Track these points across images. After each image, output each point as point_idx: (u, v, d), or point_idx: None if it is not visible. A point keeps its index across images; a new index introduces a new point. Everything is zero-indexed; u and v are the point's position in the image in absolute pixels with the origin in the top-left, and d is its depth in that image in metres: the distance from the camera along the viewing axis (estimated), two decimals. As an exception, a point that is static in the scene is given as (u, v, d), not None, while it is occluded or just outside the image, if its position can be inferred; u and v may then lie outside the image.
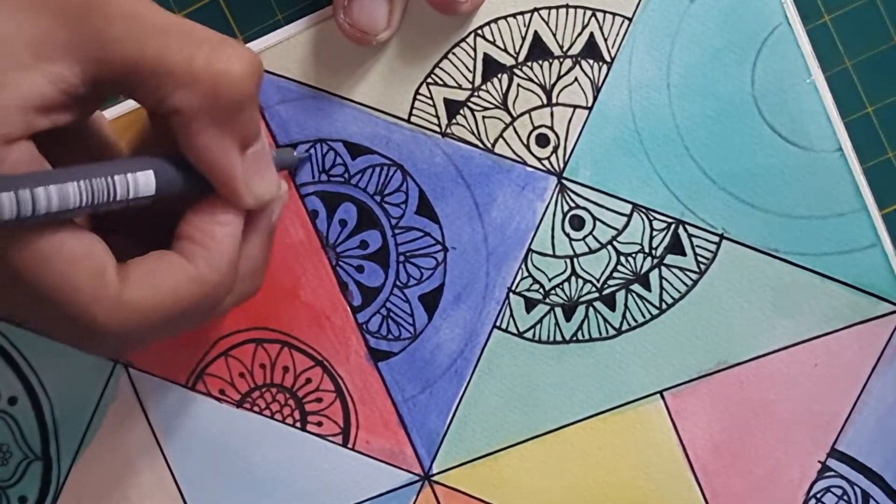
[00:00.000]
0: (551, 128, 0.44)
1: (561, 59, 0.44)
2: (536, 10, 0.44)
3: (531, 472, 0.46)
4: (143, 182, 0.36)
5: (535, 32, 0.44)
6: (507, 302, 0.45)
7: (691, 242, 0.44)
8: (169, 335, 0.39)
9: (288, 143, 0.45)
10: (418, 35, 0.44)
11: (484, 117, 0.44)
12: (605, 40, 0.43)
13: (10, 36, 0.33)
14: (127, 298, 0.35)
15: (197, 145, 0.36)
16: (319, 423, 0.47)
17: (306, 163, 0.45)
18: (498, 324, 0.45)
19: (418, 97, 0.44)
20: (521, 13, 0.44)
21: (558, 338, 0.45)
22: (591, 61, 0.44)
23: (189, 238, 0.38)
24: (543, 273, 0.45)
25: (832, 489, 0.44)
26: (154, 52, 0.34)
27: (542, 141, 0.44)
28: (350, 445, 0.46)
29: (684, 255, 0.44)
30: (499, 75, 0.44)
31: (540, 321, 0.45)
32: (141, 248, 0.38)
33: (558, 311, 0.45)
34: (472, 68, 0.44)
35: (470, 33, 0.44)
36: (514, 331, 0.45)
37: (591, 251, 0.44)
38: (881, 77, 0.44)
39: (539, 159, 0.44)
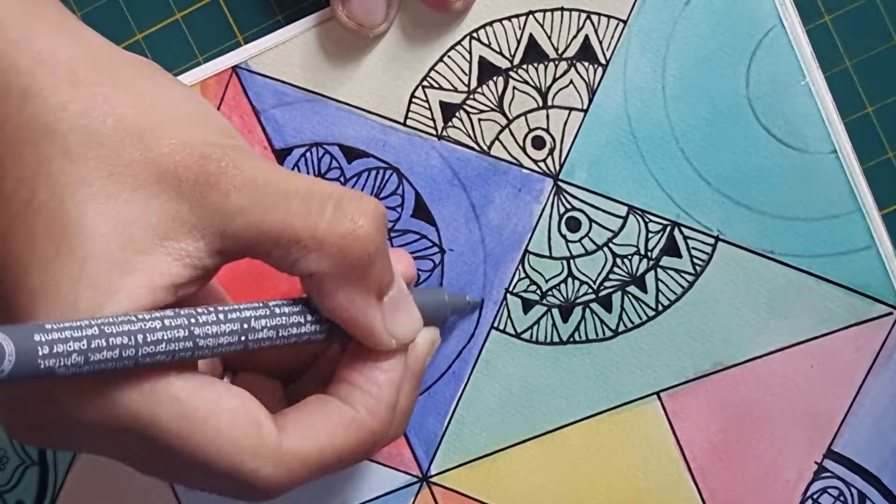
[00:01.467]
0: (547, 130, 0.44)
1: (556, 62, 0.44)
2: (531, 12, 0.44)
3: (529, 473, 0.46)
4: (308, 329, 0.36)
5: (531, 35, 0.44)
6: (504, 303, 0.45)
7: (687, 244, 0.44)
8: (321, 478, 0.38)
9: (284, 146, 0.45)
10: (414, 38, 0.44)
11: (480, 120, 0.44)
12: (601, 43, 0.43)
13: (134, 219, 0.33)
14: (287, 448, 0.35)
15: (333, 306, 0.36)
16: (318, 424, 0.47)
17: (478, 307, 0.45)
18: (495, 325, 0.45)
19: (414, 100, 0.45)
20: (517, 16, 0.44)
21: (555, 339, 0.45)
22: (586, 64, 0.44)
23: (351, 382, 0.37)
24: (540, 274, 0.45)
25: (829, 490, 0.44)
26: (276, 220, 0.34)
27: (538, 143, 0.44)
28: (349, 446, 0.47)
29: (680, 256, 0.44)
30: (494, 78, 0.44)
31: (537, 322, 0.45)
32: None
33: (555, 312, 0.45)
34: (467, 71, 0.44)
35: (465, 36, 0.44)
36: (512, 332, 0.45)
37: (588, 253, 0.45)
38: (881, 77, 0.44)
39: (535, 161, 0.44)
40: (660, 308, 0.44)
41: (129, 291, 0.32)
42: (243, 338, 0.34)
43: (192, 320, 0.33)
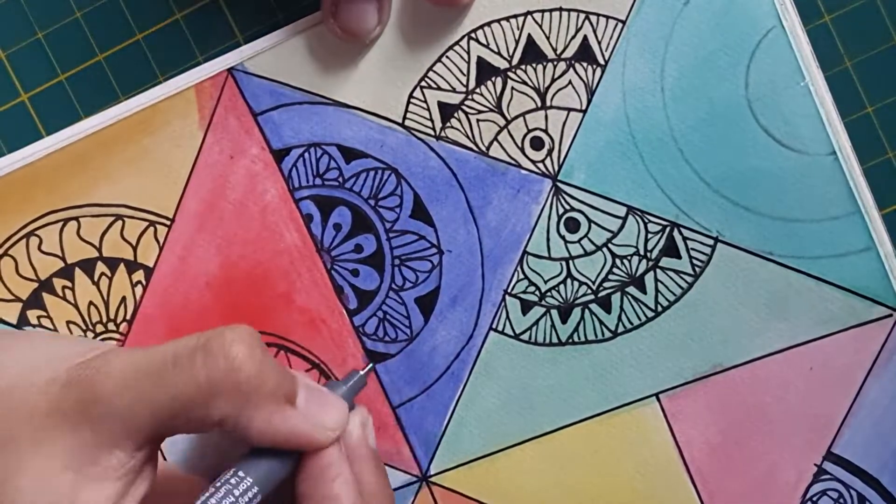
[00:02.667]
0: (546, 131, 0.44)
1: (555, 63, 0.44)
2: (530, 13, 0.43)
3: (528, 474, 0.46)
4: (250, 491, 0.37)
5: (529, 35, 0.44)
6: (503, 304, 0.45)
7: (686, 245, 0.44)
8: None
9: (281, 147, 0.45)
10: (412, 38, 0.44)
11: (478, 120, 0.44)
12: (599, 43, 0.43)
13: (52, 469, 0.34)
14: None
15: (257, 433, 0.37)
16: (317, 425, 0.47)
17: (368, 376, 0.46)
18: (494, 326, 0.45)
19: (412, 101, 0.45)
20: (515, 16, 0.44)
21: (554, 340, 0.45)
22: (584, 64, 0.44)
23: (310, 498, 0.39)
24: (539, 275, 0.45)
25: (828, 492, 0.44)
26: (164, 398, 0.35)
27: (537, 144, 0.44)
28: (348, 447, 0.47)
29: (679, 257, 0.44)
30: (493, 78, 0.44)
31: (536, 323, 0.45)
32: None
33: (554, 313, 0.45)
34: (465, 71, 0.44)
35: (463, 37, 0.44)
36: (511, 333, 0.45)
37: (587, 253, 0.44)
38: (881, 77, 0.44)
39: (534, 162, 0.44)
40: (659, 309, 0.44)
41: None
42: None
43: None
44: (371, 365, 0.45)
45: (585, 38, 0.43)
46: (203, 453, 0.45)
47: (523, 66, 0.44)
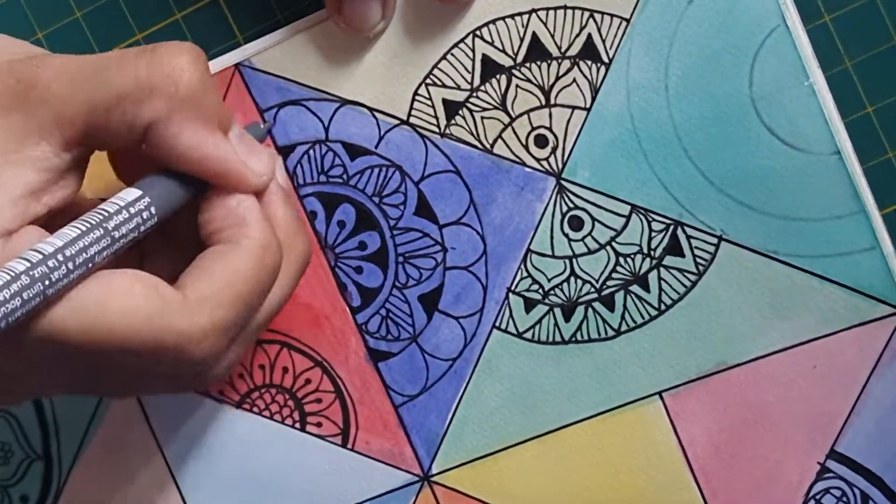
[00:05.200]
0: (550, 129, 0.44)
1: (559, 60, 0.44)
2: (535, 10, 0.44)
3: (530, 473, 0.46)
4: (144, 209, 0.36)
5: (534, 33, 0.44)
6: (506, 302, 0.45)
7: (690, 244, 0.44)
8: (248, 323, 0.38)
9: (287, 143, 0.45)
10: (417, 36, 0.44)
11: (483, 118, 0.44)
12: (604, 41, 0.43)
13: None
14: (192, 297, 0.35)
15: (183, 147, 0.36)
16: (319, 424, 0.47)
17: (271, 129, 0.45)
18: (497, 324, 0.45)
19: (417, 98, 0.45)
20: (520, 14, 0.44)
21: (557, 338, 0.45)
22: (589, 62, 0.44)
23: (218, 229, 0.38)
24: (543, 273, 0.45)
25: (831, 490, 0.44)
26: (101, 90, 0.35)
27: (541, 142, 0.44)
28: (349, 446, 0.47)
29: (683, 256, 0.44)
30: (497, 76, 0.44)
31: (539, 321, 0.45)
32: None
33: (557, 311, 0.45)
34: (470, 69, 0.44)
35: (468, 34, 0.44)
36: (514, 331, 0.45)
37: (590, 252, 0.44)
38: (881, 77, 0.44)
39: (538, 160, 0.44)
40: (662, 307, 0.44)
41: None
42: (110, 244, 0.35)
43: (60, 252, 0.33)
44: (273, 122, 0.45)
45: (590, 36, 0.43)
46: None
47: (528, 64, 0.44)
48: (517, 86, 0.44)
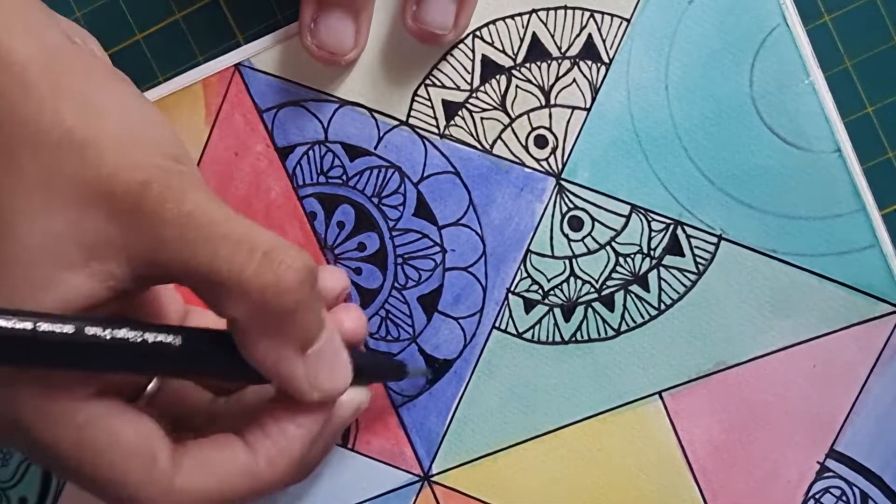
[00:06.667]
0: (550, 129, 0.44)
1: (559, 61, 0.44)
2: (535, 11, 0.44)
3: (530, 473, 0.46)
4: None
5: (534, 34, 0.44)
6: (506, 303, 0.45)
7: (690, 243, 0.44)
8: None
9: (286, 144, 0.45)
10: (416, 36, 0.44)
11: (482, 118, 0.44)
12: (604, 41, 0.43)
13: (61, 233, 0.32)
14: (178, 486, 0.35)
15: (253, 354, 0.35)
16: (319, 424, 0.47)
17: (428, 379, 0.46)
18: (497, 324, 0.45)
19: (416, 98, 0.45)
20: (520, 14, 0.44)
21: (557, 338, 0.45)
22: (589, 62, 0.44)
23: (263, 428, 0.37)
24: (542, 274, 0.45)
25: (831, 490, 0.44)
26: (206, 260, 0.33)
27: (541, 142, 0.44)
28: (350, 446, 0.47)
29: (683, 255, 0.44)
30: (497, 76, 0.44)
31: (539, 322, 0.45)
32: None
33: (557, 311, 0.45)
34: (470, 69, 0.44)
35: (468, 35, 0.44)
36: (514, 331, 0.45)
37: (590, 252, 0.44)
38: (881, 77, 0.44)
39: (537, 160, 0.44)
40: (662, 307, 0.44)
41: (43, 307, 0.32)
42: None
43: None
44: (428, 369, 0.46)
45: (590, 36, 0.43)
46: None
47: (528, 65, 0.44)
48: (517, 86, 0.44)
